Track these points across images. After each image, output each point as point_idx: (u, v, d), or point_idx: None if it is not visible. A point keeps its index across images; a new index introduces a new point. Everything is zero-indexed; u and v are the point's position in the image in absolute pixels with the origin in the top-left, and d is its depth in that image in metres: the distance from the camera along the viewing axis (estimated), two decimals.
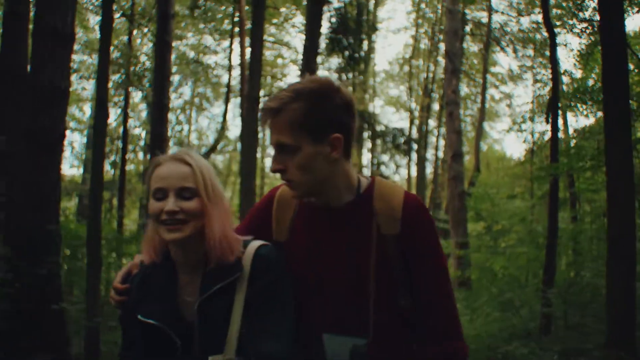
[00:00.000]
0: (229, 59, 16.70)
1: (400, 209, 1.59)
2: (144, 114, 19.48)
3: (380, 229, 1.59)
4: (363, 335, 1.55)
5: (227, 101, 16.27)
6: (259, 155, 16.81)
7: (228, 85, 16.36)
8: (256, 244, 1.60)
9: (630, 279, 5.05)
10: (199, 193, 1.53)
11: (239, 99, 16.91)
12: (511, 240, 13.75)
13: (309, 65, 8.50)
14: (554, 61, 7.46)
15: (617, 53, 5.42)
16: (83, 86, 18.52)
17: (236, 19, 14.83)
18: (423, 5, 24.77)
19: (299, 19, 18.60)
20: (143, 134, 18.82)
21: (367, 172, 20.78)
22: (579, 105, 10.48)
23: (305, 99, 1.53)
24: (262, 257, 1.56)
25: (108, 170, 22.19)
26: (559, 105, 9.48)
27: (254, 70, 8.49)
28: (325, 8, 10.59)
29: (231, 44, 16.94)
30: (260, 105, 1.65)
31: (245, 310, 1.52)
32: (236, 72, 16.90)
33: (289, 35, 22.37)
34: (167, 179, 1.53)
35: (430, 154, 24.80)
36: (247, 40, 12.11)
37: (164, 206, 1.51)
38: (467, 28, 19.08)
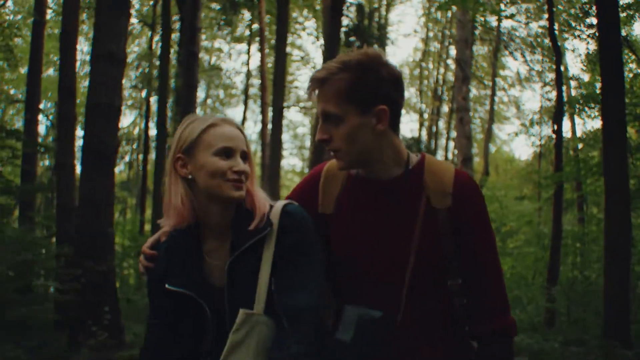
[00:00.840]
0: (247, 65, 17.30)
1: (451, 184, 1.60)
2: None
3: (430, 203, 1.60)
4: (394, 309, 1.55)
5: (245, 108, 16.92)
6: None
7: (246, 93, 17.00)
8: (283, 202, 1.63)
9: (625, 279, 5.61)
10: (250, 156, 1.62)
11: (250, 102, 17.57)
12: (519, 241, 14.31)
13: None
14: (558, 77, 7.99)
15: (614, 56, 5.98)
16: None
17: (254, 25, 15.45)
18: (433, 10, 25.24)
19: (310, 23, 19.15)
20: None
21: None
22: (586, 109, 11.06)
23: (352, 70, 1.55)
24: (289, 213, 1.58)
25: (122, 170, 23.01)
26: (565, 110, 10.01)
27: (277, 84, 9.10)
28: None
29: (249, 51, 17.56)
30: (308, 80, 1.63)
31: (273, 267, 1.54)
32: (245, 77, 17.61)
33: (300, 39, 22.90)
34: (234, 139, 1.57)
35: (439, 155, 25.30)
36: (254, 46, 12.67)
37: (232, 165, 1.54)
38: (476, 32, 19.58)
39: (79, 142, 8.60)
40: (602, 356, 4.82)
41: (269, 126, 10.75)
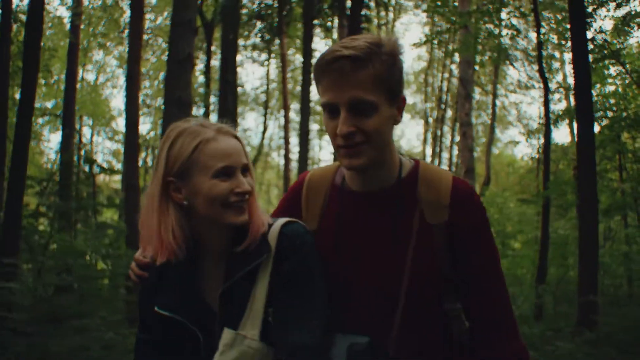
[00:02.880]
0: (267, 79, 18.71)
1: (448, 194, 1.43)
2: None
3: (424, 218, 1.43)
4: (385, 335, 1.41)
5: (265, 122, 18.33)
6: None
7: (266, 107, 18.41)
8: (281, 221, 1.47)
9: (593, 277, 6.94)
10: (250, 167, 1.45)
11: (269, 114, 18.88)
12: (518, 243, 15.58)
13: None
14: (547, 104, 9.31)
15: (585, 87, 7.27)
16: None
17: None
18: (437, 19, 26.37)
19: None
20: None
21: None
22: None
23: (386, 54, 1.37)
24: (287, 236, 1.44)
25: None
26: (552, 130, 11.28)
27: (304, 110, 10.49)
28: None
29: (268, 64, 18.95)
30: (332, 55, 1.35)
31: (270, 293, 1.42)
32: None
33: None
34: (233, 155, 1.40)
35: (444, 158, 26.43)
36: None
37: (234, 186, 1.39)
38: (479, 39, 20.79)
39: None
40: (570, 338, 6.18)
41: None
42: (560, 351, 5.04)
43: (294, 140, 13.79)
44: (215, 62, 14.01)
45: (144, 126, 24.08)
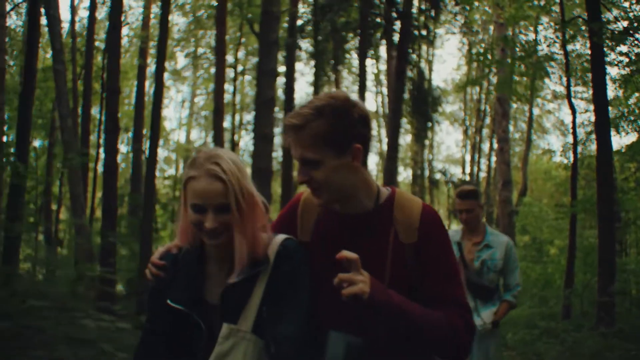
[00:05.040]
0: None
1: (418, 219, 1.68)
2: None
3: (398, 238, 1.68)
4: (371, 335, 1.61)
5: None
6: None
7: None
8: (281, 237, 1.72)
9: (611, 281, 8.24)
10: (232, 209, 1.60)
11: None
12: (554, 249, 16.69)
13: (395, 119, 11.80)
14: (574, 133, 10.62)
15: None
16: None
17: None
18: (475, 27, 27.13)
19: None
20: None
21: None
22: (623, 125, 13.14)
23: (326, 115, 1.60)
24: (285, 248, 1.69)
25: None
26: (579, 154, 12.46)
27: None
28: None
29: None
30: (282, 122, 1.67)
31: (265, 294, 1.65)
32: None
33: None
34: (204, 196, 1.59)
35: (483, 171, 27.34)
36: None
37: (203, 220, 1.60)
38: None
39: None
40: (587, 333, 7.57)
41: None
42: (574, 340, 6.45)
43: None
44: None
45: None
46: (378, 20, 14.28)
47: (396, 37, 13.55)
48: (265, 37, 8.99)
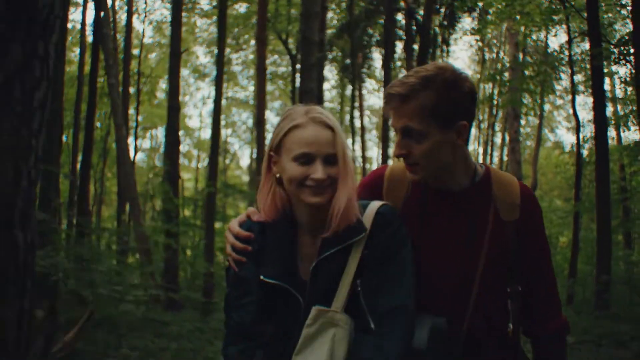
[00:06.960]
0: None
1: (519, 196, 1.66)
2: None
3: (499, 215, 1.64)
4: (460, 316, 1.60)
5: None
6: None
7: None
8: (377, 204, 1.61)
9: (606, 271, 9.37)
10: (339, 160, 1.52)
11: None
12: (563, 238, 17.75)
13: None
14: (578, 139, 11.82)
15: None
16: None
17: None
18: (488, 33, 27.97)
19: None
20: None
21: None
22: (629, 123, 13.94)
23: (436, 87, 1.53)
24: (382, 215, 1.58)
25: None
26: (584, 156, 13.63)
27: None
28: None
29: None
30: (386, 91, 1.58)
31: (360, 267, 1.54)
32: None
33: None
34: (314, 144, 1.50)
35: (495, 165, 28.12)
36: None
37: (310, 172, 1.50)
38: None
39: None
40: (585, 316, 8.90)
41: None
42: (572, 322, 7.76)
43: None
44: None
45: None
46: (399, 32, 15.50)
47: (415, 47, 14.78)
48: (305, 61, 10.32)
